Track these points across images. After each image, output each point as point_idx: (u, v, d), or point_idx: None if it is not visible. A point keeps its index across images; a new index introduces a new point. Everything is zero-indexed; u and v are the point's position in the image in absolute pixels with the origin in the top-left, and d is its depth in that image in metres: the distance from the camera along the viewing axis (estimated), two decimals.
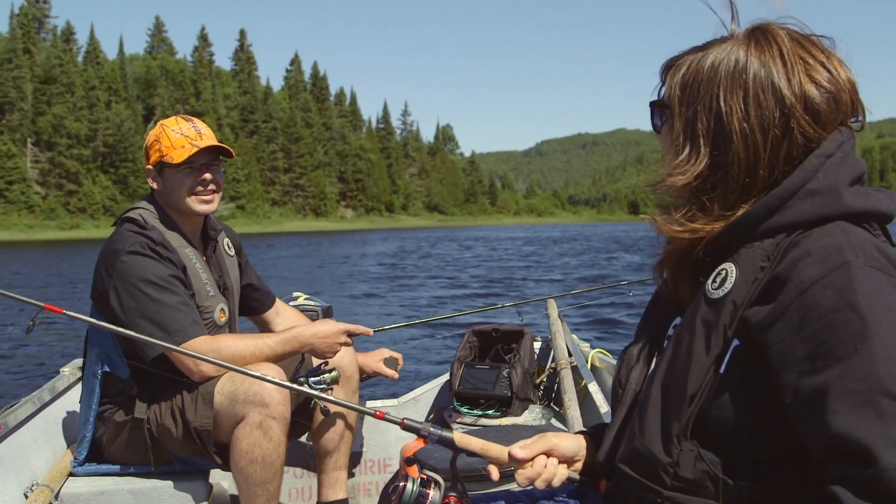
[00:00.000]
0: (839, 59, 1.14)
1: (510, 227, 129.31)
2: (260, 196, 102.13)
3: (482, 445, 1.36)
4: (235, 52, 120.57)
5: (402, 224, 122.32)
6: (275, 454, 2.23)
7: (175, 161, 2.40)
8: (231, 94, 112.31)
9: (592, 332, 10.52)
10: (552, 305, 3.74)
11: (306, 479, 3.03)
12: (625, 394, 1.28)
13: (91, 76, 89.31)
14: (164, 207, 2.47)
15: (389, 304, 15.91)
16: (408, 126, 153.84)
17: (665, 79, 1.21)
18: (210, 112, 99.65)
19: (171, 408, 2.30)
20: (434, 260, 33.00)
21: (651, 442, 1.14)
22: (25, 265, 31.70)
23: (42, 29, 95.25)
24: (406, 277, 23.65)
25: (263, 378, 1.95)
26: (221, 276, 2.56)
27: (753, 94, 1.10)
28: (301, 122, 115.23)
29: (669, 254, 1.22)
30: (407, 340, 8.42)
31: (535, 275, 23.74)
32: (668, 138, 1.21)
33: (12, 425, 2.37)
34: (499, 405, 3.06)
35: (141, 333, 2.22)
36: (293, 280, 21.67)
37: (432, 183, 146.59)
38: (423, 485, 1.41)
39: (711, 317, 1.10)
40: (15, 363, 9.26)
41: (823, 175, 1.08)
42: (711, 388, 1.09)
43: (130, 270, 2.27)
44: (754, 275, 1.08)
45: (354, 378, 2.70)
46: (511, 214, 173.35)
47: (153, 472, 2.35)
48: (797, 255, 1.05)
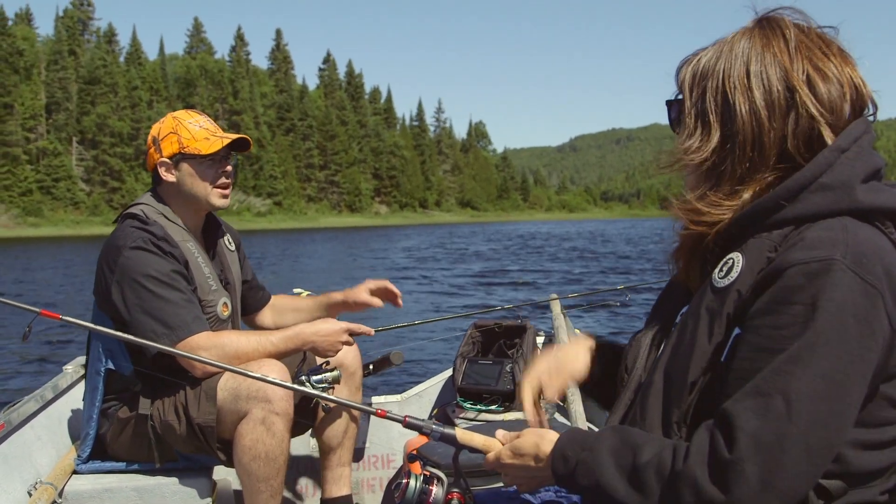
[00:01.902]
0: (843, 51, 1.14)
1: (539, 222, 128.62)
2: (296, 192, 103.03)
3: (484, 442, 1.34)
4: (272, 51, 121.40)
5: (435, 220, 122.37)
6: (278, 450, 2.21)
7: (203, 152, 2.38)
8: (268, 92, 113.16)
9: (595, 328, 10.46)
10: (556, 302, 3.70)
11: (310, 476, 3.01)
12: (630, 378, 1.28)
13: (133, 76, 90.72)
14: (170, 201, 2.45)
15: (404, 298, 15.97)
16: (441, 123, 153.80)
17: (677, 77, 1.24)
18: (247, 110, 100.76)
19: (174, 404, 2.28)
20: (454, 255, 33.02)
21: (651, 427, 1.14)
22: (75, 258, 32.81)
23: (86, 31, 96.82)
24: (424, 270, 23.75)
25: (263, 379, 1.92)
26: (223, 271, 2.54)
27: (756, 72, 1.12)
28: (336, 120, 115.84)
29: (683, 240, 1.22)
30: (410, 339, 8.41)
31: (537, 269, 23.57)
32: (682, 133, 1.21)
33: (16, 423, 2.36)
34: (502, 400, 3.02)
35: (143, 329, 2.22)
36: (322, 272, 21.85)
37: (465, 179, 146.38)
38: (426, 481, 1.40)
39: (716, 305, 1.10)
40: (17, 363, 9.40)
41: (837, 169, 1.07)
42: (712, 376, 1.09)
43: (132, 266, 2.25)
44: (760, 265, 1.07)
45: (357, 375, 2.68)
46: (543, 210, 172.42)
47: (156, 469, 2.33)
48: (793, 241, 1.06)
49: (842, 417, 0.98)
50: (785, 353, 0.98)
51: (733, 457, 0.96)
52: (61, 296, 17.77)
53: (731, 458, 0.96)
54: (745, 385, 1.01)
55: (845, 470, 1.03)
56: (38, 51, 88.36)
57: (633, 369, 1.28)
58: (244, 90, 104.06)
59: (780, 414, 0.96)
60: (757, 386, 0.99)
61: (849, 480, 1.04)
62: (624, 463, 1.07)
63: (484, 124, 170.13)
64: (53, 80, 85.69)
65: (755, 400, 0.98)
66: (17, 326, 11.84)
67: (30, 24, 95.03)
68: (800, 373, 0.97)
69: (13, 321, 12.48)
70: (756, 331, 1.03)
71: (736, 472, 0.95)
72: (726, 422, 0.99)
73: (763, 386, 0.98)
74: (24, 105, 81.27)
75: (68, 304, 15.59)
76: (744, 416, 0.97)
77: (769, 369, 0.99)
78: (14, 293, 17.82)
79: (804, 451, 0.96)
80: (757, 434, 0.96)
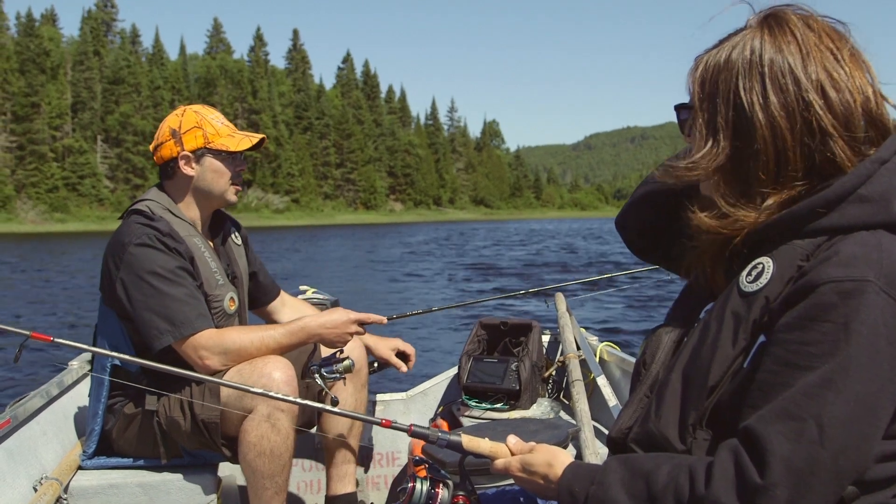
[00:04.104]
0: (854, 49, 1.09)
1: (550, 220, 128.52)
2: (313, 190, 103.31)
3: (491, 448, 1.32)
4: (289, 51, 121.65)
5: (448, 217, 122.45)
6: (283, 447, 2.17)
7: (231, 149, 2.36)
8: (285, 91, 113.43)
9: (600, 325, 10.38)
10: (560, 299, 3.63)
11: (315, 473, 2.97)
12: (647, 374, 1.24)
13: (156, 76, 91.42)
14: (179, 196, 2.41)
15: (407, 291, 15.97)
16: (455, 122, 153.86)
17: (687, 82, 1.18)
18: (266, 109, 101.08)
19: (179, 400, 2.24)
20: (462, 251, 32.99)
21: (666, 427, 1.12)
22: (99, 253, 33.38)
23: (110, 32, 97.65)
24: (430, 264, 23.83)
25: (265, 394, 1.89)
26: (230, 265, 2.50)
27: (772, 80, 1.06)
28: (352, 119, 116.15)
29: (707, 245, 1.16)
30: (417, 336, 8.41)
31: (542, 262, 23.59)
32: (693, 137, 1.16)
33: (21, 419, 2.33)
34: (507, 398, 2.97)
35: (147, 326, 2.20)
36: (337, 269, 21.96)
37: (478, 177, 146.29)
38: (431, 485, 1.38)
39: (742, 310, 1.07)
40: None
41: (876, 181, 1.04)
42: (733, 381, 1.07)
43: (138, 262, 2.22)
44: (791, 273, 1.04)
45: (363, 372, 2.63)
46: (555, 208, 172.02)
47: (162, 465, 2.30)
48: (827, 255, 1.02)
49: (871, 440, 0.97)
50: (815, 374, 0.96)
51: (765, 482, 0.93)
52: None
53: (762, 483, 0.93)
54: (770, 400, 0.98)
55: (860, 479, 1.00)
56: (63, 51, 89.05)
57: (652, 364, 1.24)
58: (263, 90, 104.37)
59: (812, 439, 0.94)
60: (787, 408, 0.96)
61: (862, 487, 1.01)
62: (637, 493, 1.04)
63: (497, 123, 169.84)
64: (79, 80, 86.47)
65: (786, 423, 0.95)
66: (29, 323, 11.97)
67: (54, 25, 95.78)
68: (832, 397, 0.94)
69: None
70: (783, 345, 1.00)
71: (767, 497, 0.93)
72: (757, 445, 0.96)
73: (794, 409, 0.95)
74: (51, 104, 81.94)
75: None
76: (776, 440, 0.94)
77: (799, 391, 0.96)
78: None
79: (833, 474, 0.94)
80: (789, 459, 0.93)
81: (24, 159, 78.59)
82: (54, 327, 11.65)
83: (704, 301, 1.25)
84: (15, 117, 79.56)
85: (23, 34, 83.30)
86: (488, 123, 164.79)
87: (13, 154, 78.63)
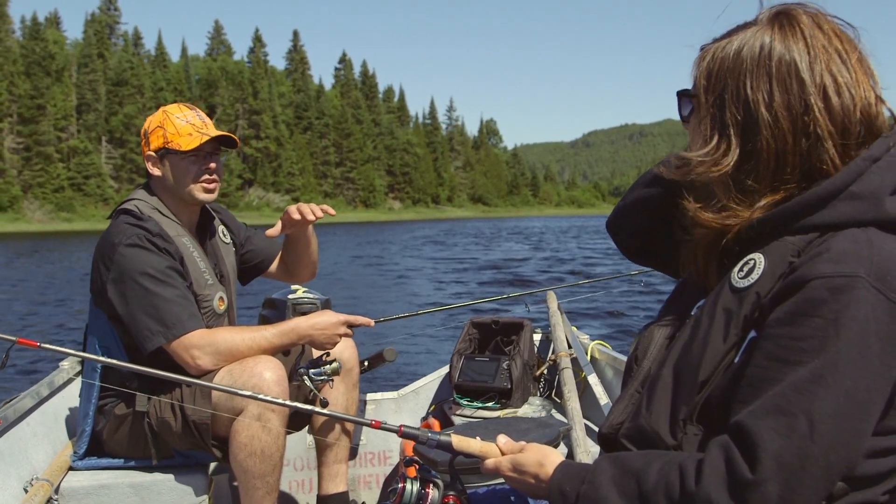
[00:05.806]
0: (860, 52, 1.08)
1: (547, 217, 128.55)
2: (313, 188, 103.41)
3: (481, 448, 1.30)
4: (289, 52, 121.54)
5: (447, 215, 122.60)
6: (274, 447, 2.14)
7: (184, 148, 2.30)
8: (285, 92, 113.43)
9: (592, 323, 10.35)
10: (552, 298, 3.60)
11: (306, 472, 2.93)
12: (639, 369, 1.23)
13: (158, 78, 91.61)
14: (162, 195, 2.37)
15: (390, 293, 15.92)
16: (453, 121, 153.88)
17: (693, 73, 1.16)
18: (266, 110, 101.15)
19: (170, 401, 2.21)
20: (454, 249, 32.95)
21: (657, 422, 1.10)
22: None
23: (113, 34, 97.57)
24: (424, 262, 23.80)
25: (254, 397, 1.85)
26: (217, 263, 2.46)
27: (778, 79, 1.05)
28: (352, 119, 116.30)
29: (700, 239, 1.16)
30: (406, 334, 8.36)
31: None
32: (696, 127, 1.15)
33: (12, 419, 2.30)
34: (499, 397, 2.94)
35: (138, 326, 2.17)
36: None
37: (476, 175, 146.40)
38: (422, 485, 1.36)
39: (733, 306, 1.06)
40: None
41: (867, 179, 1.03)
42: (724, 377, 1.06)
43: (128, 263, 2.18)
44: (782, 269, 1.03)
45: (354, 371, 2.59)
46: (553, 206, 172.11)
47: (153, 465, 2.27)
48: (818, 251, 1.01)
49: (861, 435, 0.96)
50: (805, 370, 0.95)
51: (756, 477, 0.92)
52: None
53: (753, 478, 0.92)
54: (760, 395, 0.97)
55: (850, 474, 0.99)
56: (67, 54, 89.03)
57: (644, 360, 1.23)
58: (263, 90, 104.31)
59: (803, 434, 0.93)
60: (777, 403, 0.95)
61: (852, 483, 1.00)
62: (629, 491, 1.03)
63: (495, 122, 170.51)
64: (83, 82, 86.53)
65: (777, 419, 0.94)
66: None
67: (58, 28, 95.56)
68: (823, 392, 0.93)
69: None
70: (773, 340, 0.99)
71: (758, 492, 0.92)
72: (747, 440, 0.95)
73: (784, 404, 0.94)
74: (56, 106, 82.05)
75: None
76: (766, 435, 0.93)
77: (790, 386, 0.95)
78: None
79: (824, 469, 0.93)
80: (780, 454, 0.92)
81: (30, 160, 78.73)
82: (55, 327, 11.59)
83: (697, 297, 1.23)
84: (21, 119, 79.72)
85: (28, 37, 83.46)
86: (486, 122, 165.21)
87: (20, 155, 78.77)
